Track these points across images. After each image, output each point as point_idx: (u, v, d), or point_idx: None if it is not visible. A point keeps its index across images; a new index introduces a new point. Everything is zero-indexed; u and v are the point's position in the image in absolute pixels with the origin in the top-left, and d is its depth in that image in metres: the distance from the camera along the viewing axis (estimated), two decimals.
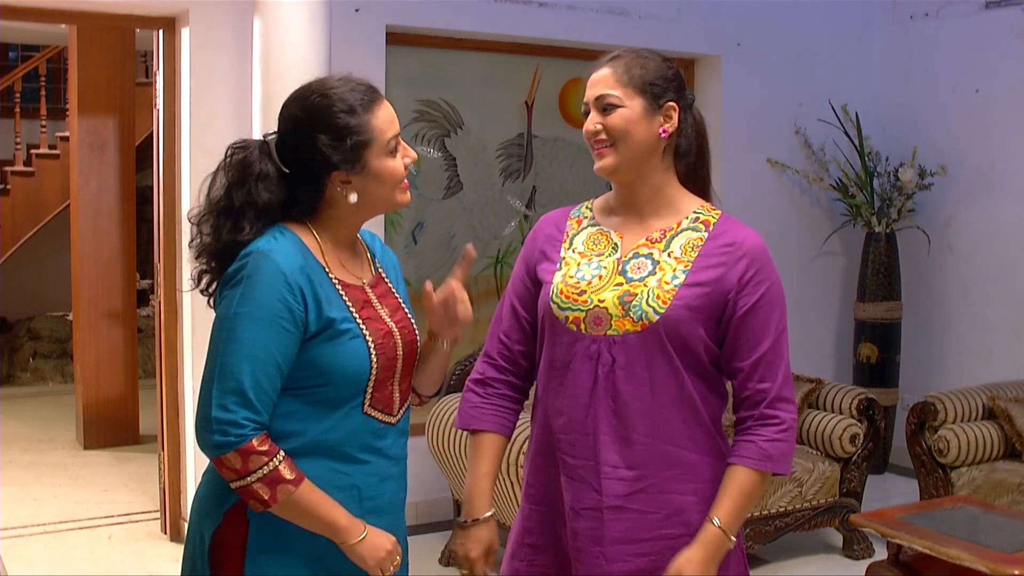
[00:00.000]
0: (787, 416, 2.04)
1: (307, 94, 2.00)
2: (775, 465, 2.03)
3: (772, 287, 2.04)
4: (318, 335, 1.93)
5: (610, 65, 2.09)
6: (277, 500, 1.87)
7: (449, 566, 4.60)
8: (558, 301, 2.11)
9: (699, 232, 2.08)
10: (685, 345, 2.01)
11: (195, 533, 2.00)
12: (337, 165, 1.96)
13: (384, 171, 1.99)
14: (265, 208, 1.96)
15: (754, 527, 4.38)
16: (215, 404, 1.87)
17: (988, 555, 3.37)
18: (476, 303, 5.45)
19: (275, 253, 1.91)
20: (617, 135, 2.06)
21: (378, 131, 1.97)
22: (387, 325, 2.05)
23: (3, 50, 11.35)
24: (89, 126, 6.54)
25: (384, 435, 2.03)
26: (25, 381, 9.21)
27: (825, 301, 6.44)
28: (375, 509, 2.01)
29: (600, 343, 2.04)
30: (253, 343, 1.87)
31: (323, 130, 1.95)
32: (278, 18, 4.18)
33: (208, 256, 2.00)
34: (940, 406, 4.73)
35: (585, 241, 2.17)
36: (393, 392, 2.05)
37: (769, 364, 2.02)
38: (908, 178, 5.99)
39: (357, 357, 1.96)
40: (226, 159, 2.01)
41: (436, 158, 5.37)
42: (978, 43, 5.97)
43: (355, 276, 2.05)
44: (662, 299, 2.01)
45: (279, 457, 1.88)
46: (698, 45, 5.90)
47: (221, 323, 1.91)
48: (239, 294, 1.89)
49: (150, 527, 5.13)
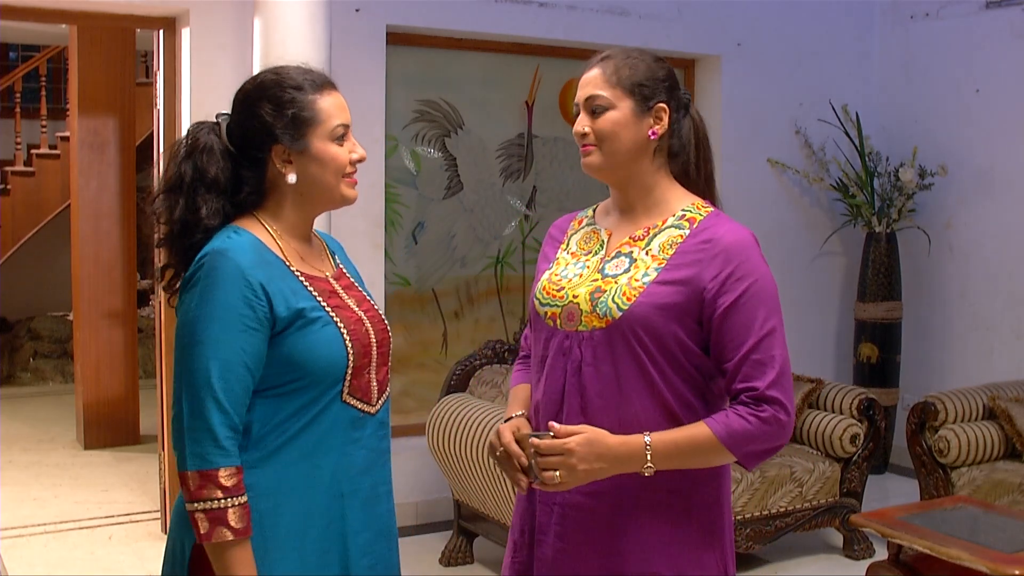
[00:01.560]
0: (774, 413, 1.92)
1: (261, 72, 2.07)
2: (733, 443, 1.91)
3: (755, 284, 1.95)
4: (288, 327, 1.91)
5: (600, 66, 2.08)
6: (211, 539, 1.83)
7: (449, 566, 4.60)
8: (540, 297, 2.12)
9: (681, 230, 2.04)
10: (655, 343, 1.96)
11: (175, 542, 1.97)
12: (278, 137, 1.96)
13: (326, 155, 1.98)
14: (212, 184, 1.96)
15: (754, 527, 4.38)
16: (186, 410, 1.85)
17: (988, 555, 3.37)
18: (476, 303, 5.55)
19: (231, 251, 1.89)
20: (604, 137, 2.05)
21: (323, 113, 1.99)
22: (356, 313, 2.03)
23: (3, 50, 11.35)
24: (89, 126, 6.54)
25: (363, 425, 2.01)
26: (25, 381, 9.21)
27: (825, 301, 6.44)
28: (356, 503, 1.99)
29: (572, 339, 2.04)
30: (218, 344, 1.85)
31: (268, 100, 1.98)
32: (278, 18, 4.18)
33: (166, 241, 1.99)
34: (940, 406, 4.73)
35: (578, 241, 2.18)
36: (370, 380, 2.02)
37: (756, 363, 1.92)
38: (908, 178, 5.99)
39: (332, 345, 1.94)
40: (179, 139, 2.04)
41: (436, 158, 5.37)
42: (978, 43, 5.97)
43: (316, 269, 2.04)
44: (627, 296, 1.99)
45: (234, 501, 1.83)
46: (698, 45, 5.91)
47: (183, 328, 1.89)
48: (198, 296, 1.88)
49: (150, 527, 5.13)
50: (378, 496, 2.05)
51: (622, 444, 1.92)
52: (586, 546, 2.02)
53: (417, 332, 5.40)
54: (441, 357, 5.43)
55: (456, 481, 4.51)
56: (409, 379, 5.37)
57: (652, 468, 1.93)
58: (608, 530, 2.01)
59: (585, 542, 2.02)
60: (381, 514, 2.06)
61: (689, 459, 1.96)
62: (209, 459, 1.83)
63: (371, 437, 2.02)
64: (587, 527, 2.02)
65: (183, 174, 1.97)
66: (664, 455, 1.92)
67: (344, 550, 1.98)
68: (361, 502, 2.01)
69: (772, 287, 1.99)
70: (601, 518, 2.01)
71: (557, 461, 1.91)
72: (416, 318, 5.37)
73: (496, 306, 5.59)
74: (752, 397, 1.93)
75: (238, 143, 2.00)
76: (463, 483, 4.43)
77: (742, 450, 1.93)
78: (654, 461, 1.92)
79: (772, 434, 1.93)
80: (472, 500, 4.46)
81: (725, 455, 1.95)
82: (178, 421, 1.87)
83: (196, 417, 1.84)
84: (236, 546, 1.84)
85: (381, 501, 2.06)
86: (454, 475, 4.48)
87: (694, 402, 1.99)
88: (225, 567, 1.85)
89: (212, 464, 1.83)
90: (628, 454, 1.92)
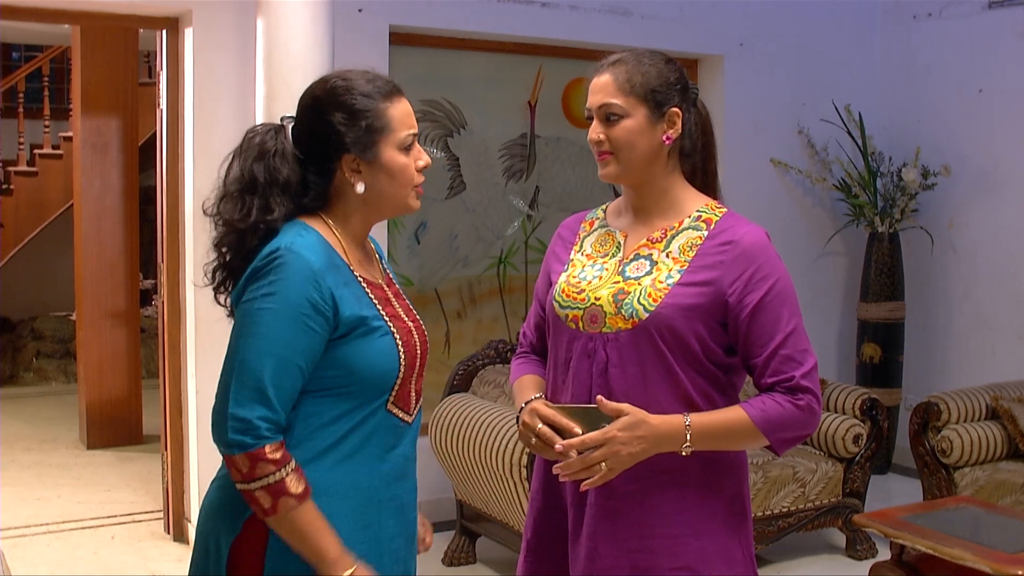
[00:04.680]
0: (809, 402, 1.99)
1: (328, 77, 2.00)
2: (769, 428, 1.98)
3: (778, 282, 2.02)
4: (350, 333, 1.90)
5: (612, 71, 2.08)
6: (277, 512, 1.82)
7: (452, 566, 4.60)
8: (559, 300, 2.13)
9: (699, 231, 2.07)
10: (679, 343, 2.00)
11: (209, 541, 1.94)
12: (349, 147, 1.94)
13: (395, 165, 1.97)
14: (285, 186, 1.94)
15: (757, 527, 4.38)
16: (232, 400, 1.83)
17: (991, 555, 3.37)
18: (479, 303, 5.55)
19: (304, 250, 1.87)
20: (620, 146, 2.06)
21: (394, 121, 1.96)
22: (407, 324, 2.03)
23: (6, 50, 11.36)
24: (92, 126, 6.55)
25: (401, 434, 2.01)
26: (28, 381, 9.21)
27: (828, 301, 6.44)
28: (391, 510, 1.99)
29: (596, 341, 2.05)
30: (277, 340, 1.83)
31: (339, 108, 1.94)
32: (281, 18, 4.18)
33: (231, 241, 1.95)
34: (943, 406, 4.72)
35: (593, 243, 2.19)
36: (411, 390, 2.02)
37: (785, 358, 1.99)
38: (911, 178, 5.98)
39: (387, 355, 1.94)
40: (242, 143, 2.00)
41: (439, 158, 5.37)
42: (981, 43, 5.97)
43: (373, 276, 2.04)
44: (653, 297, 2.01)
45: (288, 468, 1.83)
46: (701, 45, 5.90)
47: (244, 318, 1.87)
48: (265, 290, 1.85)
49: (153, 527, 5.13)
50: (410, 504, 2.06)
51: (664, 423, 1.96)
52: (618, 544, 2.04)
53: None
54: (444, 357, 5.43)
55: (459, 481, 4.51)
56: None
57: (690, 448, 1.97)
58: (638, 527, 2.04)
59: (617, 541, 2.04)
60: (411, 521, 2.07)
61: (724, 442, 2.02)
62: (251, 444, 1.81)
63: (406, 445, 2.03)
64: (618, 526, 2.04)
65: (256, 176, 1.94)
66: (702, 436, 1.97)
67: (379, 556, 1.97)
68: (395, 509, 2.01)
69: (791, 284, 2.06)
70: (632, 517, 2.04)
71: (601, 453, 1.93)
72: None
73: (499, 306, 5.59)
74: (787, 387, 1.99)
75: (306, 149, 1.97)
76: (466, 483, 4.43)
77: (776, 435, 2.00)
78: (693, 441, 1.97)
79: (805, 421, 2.01)
80: (475, 500, 4.47)
81: (759, 439, 2.01)
82: (222, 405, 1.84)
83: (243, 407, 1.82)
84: (303, 510, 1.84)
85: (412, 508, 2.08)
86: (457, 475, 4.48)
87: (715, 397, 2.05)
88: (298, 533, 1.85)
89: (257, 444, 1.81)
90: (669, 432, 1.96)
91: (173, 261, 4.81)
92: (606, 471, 1.93)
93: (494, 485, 4.16)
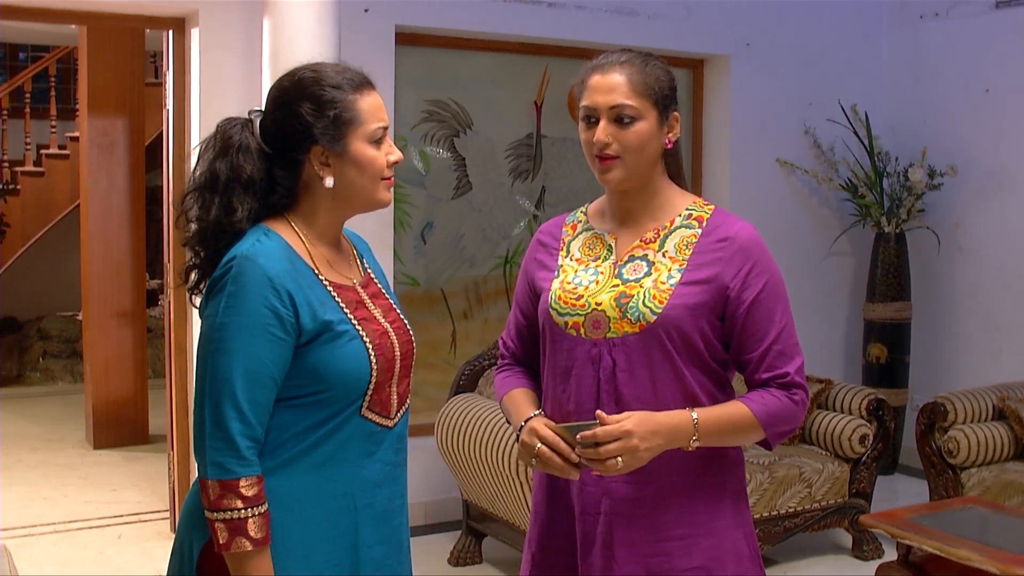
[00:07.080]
0: (803, 397, 2.03)
1: (297, 69, 1.98)
2: (768, 423, 2.00)
3: (772, 278, 2.03)
4: (315, 339, 1.87)
5: (622, 71, 2.03)
6: (230, 549, 1.80)
7: (458, 566, 4.60)
8: (557, 307, 2.09)
9: (692, 229, 2.07)
10: (686, 343, 2.00)
11: (183, 543, 1.94)
12: (317, 138, 1.90)
13: (364, 158, 1.93)
14: (248, 184, 1.90)
15: (763, 527, 4.38)
16: (209, 419, 1.82)
17: (998, 556, 3.37)
18: (485, 303, 5.55)
19: (260, 257, 1.84)
20: (630, 149, 2.02)
21: (364, 113, 1.93)
22: (382, 325, 1.98)
23: (13, 51, 11.39)
24: (99, 126, 6.56)
25: (380, 439, 1.96)
26: (35, 381, 9.23)
27: (834, 301, 6.43)
28: (369, 517, 1.96)
29: (601, 346, 2.03)
30: (245, 354, 1.81)
31: (307, 99, 1.91)
32: (287, 18, 4.19)
33: (196, 241, 1.93)
34: (950, 407, 4.71)
35: (581, 247, 2.16)
36: (391, 394, 1.98)
37: (779, 354, 2.01)
38: (918, 178, 5.97)
39: (357, 360, 1.90)
40: (212, 134, 1.97)
41: (445, 158, 5.37)
42: (988, 43, 5.96)
43: (345, 276, 1.99)
44: (658, 299, 2.00)
45: (255, 510, 1.81)
46: (707, 45, 5.90)
47: (209, 334, 1.85)
48: (224, 302, 1.83)
49: (159, 526, 5.14)
50: (392, 510, 2.02)
51: (672, 418, 1.97)
52: (635, 549, 2.04)
53: (426, 332, 5.39)
54: (450, 357, 5.43)
55: (465, 481, 4.51)
56: (418, 379, 5.34)
57: (698, 443, 1.98)
58: (653, 531, 2.03)
59: (634, 546, 2.04)
60: (395, 528, 2.03)
61: (728, 436, 2.03)
62: (230, 469, 1.80)
63: (387, 451, 1.98)
64: (634, 531, 2.04)
65: (217, 172, 1.91)
66: (708, 431, 1.98)
67: (355, 563, 1.95)
68: (375, 516, 1.97)
69: (783, 280, 2.07)
70: (647, 520, 2.04)
71: (618, 447, 1.91)
72: (425, 318, 5.37)
73: (505, 306, 5.58)
74: (783, 383, 2.01)
75: (273, 142, 1.94)
76: (472, 483, 4.43)
77: (773, 429, 2.02)
78: (700, 437, 1.97)
79: (798, 416, 2.04)
80: (481, 500, 4.47)
81: (758, 433, 2.02)
82: (199, 427, 1.84)
83: (218, 426, 1.81)
84: (255, 555, 1.82)
85: (395, 515, 2.03)
86: (463, 475, 4.48)
87: (717, 395, 2.06)
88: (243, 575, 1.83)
89: (233, 474, 1.80)
90: (679, 428, 1.96)
91: (179, 261, 4.82)
92: (621, 465, 1.92)
93: (500, 485, 4.16)
